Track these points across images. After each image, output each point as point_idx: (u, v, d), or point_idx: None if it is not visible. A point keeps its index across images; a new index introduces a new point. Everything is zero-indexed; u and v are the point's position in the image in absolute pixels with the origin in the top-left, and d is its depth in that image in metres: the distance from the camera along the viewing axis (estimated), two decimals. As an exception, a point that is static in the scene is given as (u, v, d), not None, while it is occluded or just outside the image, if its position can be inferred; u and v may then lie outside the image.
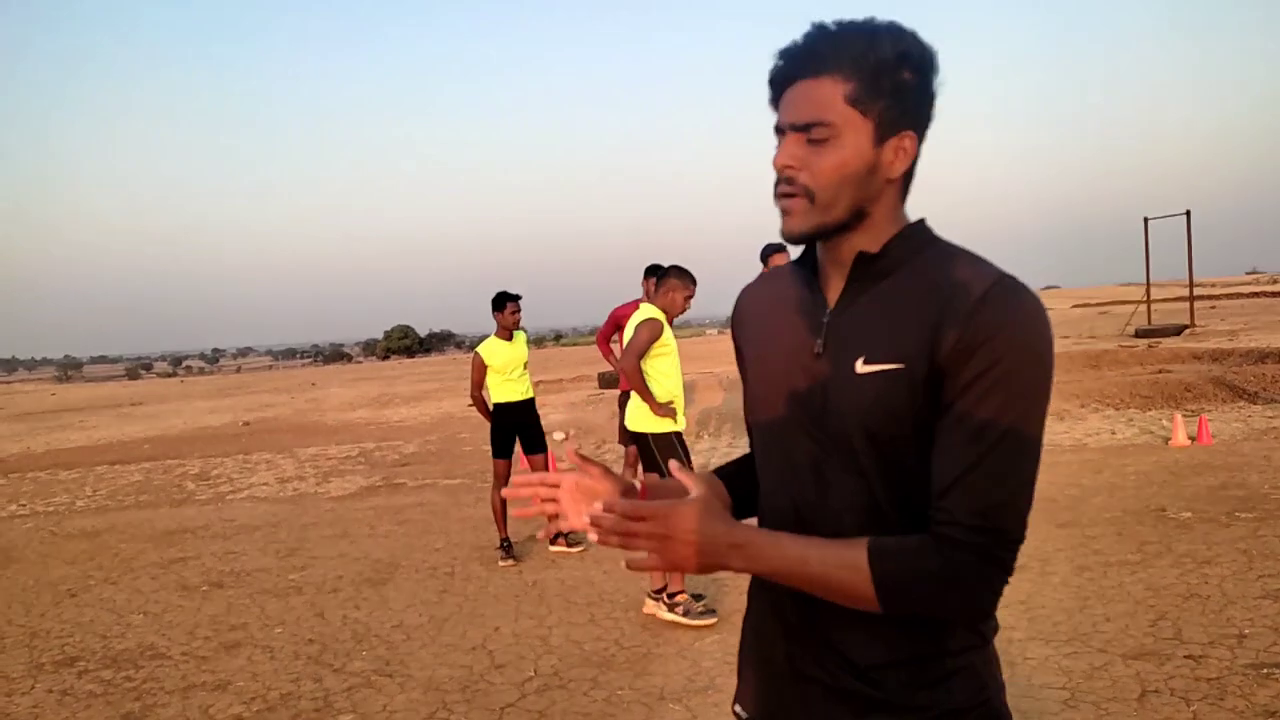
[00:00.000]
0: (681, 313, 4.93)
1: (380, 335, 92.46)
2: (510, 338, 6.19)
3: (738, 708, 1.33)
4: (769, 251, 5.62)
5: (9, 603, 5.95)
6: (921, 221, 1.19)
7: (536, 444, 6.26)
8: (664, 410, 4.74)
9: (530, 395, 6.28)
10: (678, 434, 4.81)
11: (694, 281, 4.89)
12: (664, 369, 4.84)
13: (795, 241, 1.18)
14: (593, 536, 1.16)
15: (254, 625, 5.11)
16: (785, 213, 1.16)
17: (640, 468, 5.14)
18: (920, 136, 1.15)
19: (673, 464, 1.26)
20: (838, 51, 1.10)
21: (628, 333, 4.91)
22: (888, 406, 1.11)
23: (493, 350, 6.13)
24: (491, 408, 6.20)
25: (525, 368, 6.26)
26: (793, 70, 1.13)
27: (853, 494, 1.15)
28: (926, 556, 1.06)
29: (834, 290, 1.20)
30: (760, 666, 1.29)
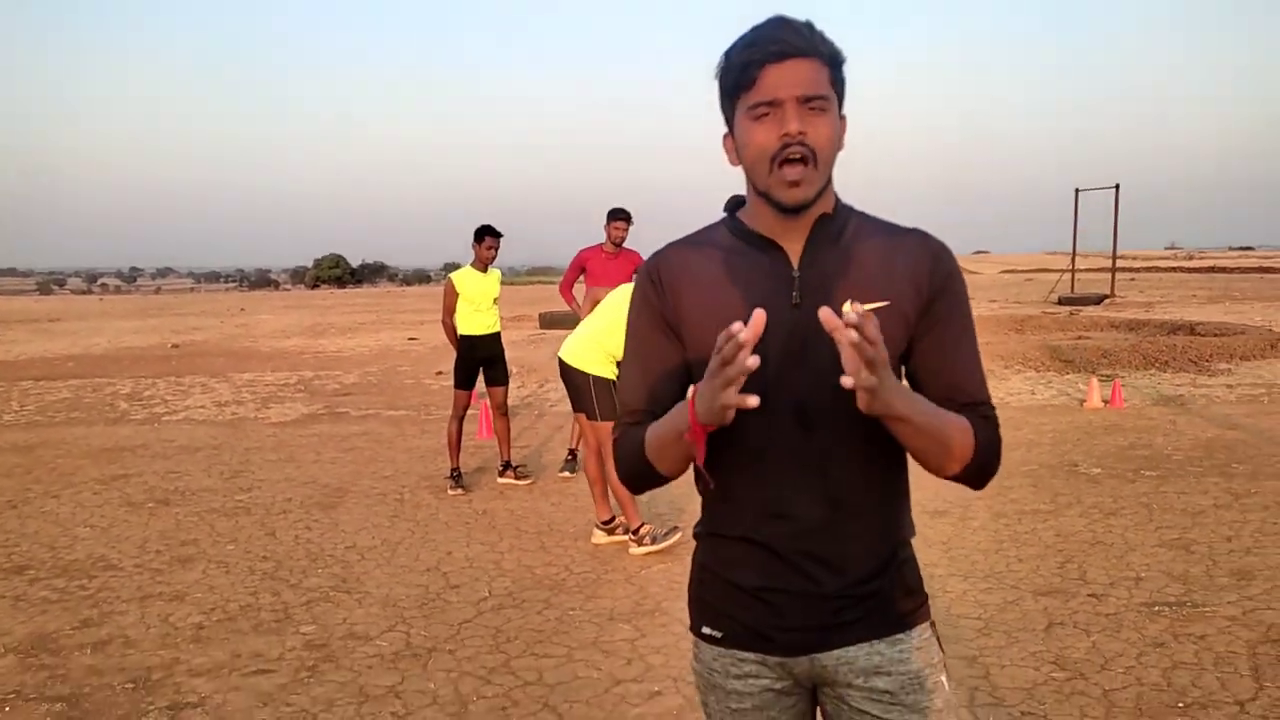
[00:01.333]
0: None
1: (310, 263, 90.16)
2: (485, 270, 6.27)
3: (706, 629, 1.47)
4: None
5: (-53, 512, 5.89)
6: (837, 193, 1.42)
7: (500, 377, 6.38)
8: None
9: (497, 330, 6.38)
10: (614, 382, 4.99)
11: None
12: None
13: (802, 208, 1.31)
14: (853, 336, 1.11)
15: (205, 542, 5.19)
16: (795, 183, 1.27)
17: (573, 408, 5.25)
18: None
19: (825, 311, 1.15)
20: (817, 42, 1.29)
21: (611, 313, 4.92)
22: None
23: (465, 279, 6.21)
24: (459, 339, 6.29)
25: (495, 303, 6.35)
26: (784, 51, 1.26)
27: (840, 424, 1.33)
28: (990, 427, 1.36)
29: (791, 248, 1.36)
30: (736, 591, 1.43)
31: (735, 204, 1.51)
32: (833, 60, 1.31)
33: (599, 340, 4.89)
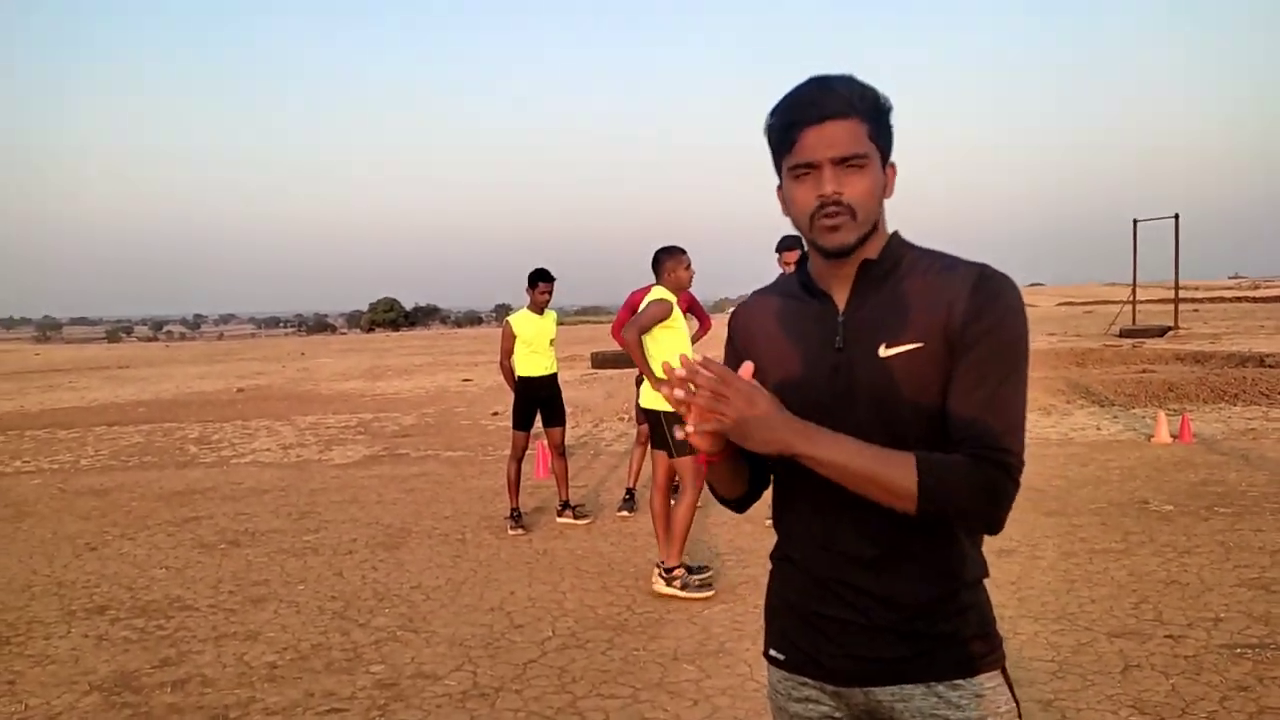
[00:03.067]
0: (689, 284, 5.21)
1: (365, 307, 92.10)
2: (541, 313, 6.39)
3: (772, 652, 1.54)
4: (783, 247, 5.86)
5: (30, 554, 6.12)
6: (897, 233, 1.47)
7: (556, 418, 6.46)
8: (660, 385, 4.92)
9: (554, 370, 6.47)
10: None
11: (684, 252, 5.15)
12: (669, 344, 5.00)
13: (845, 252, 1.40)
14: (679, 394, 1.31)
15: (276, 582, 5.31)
16: (834, 230, 1.37)
17: (650, 445, 5.35)
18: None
19: (746, 365, 1.36)
20: (857, 100, 1.36)
21: (642, 307, 5.09)
22: (909, 379, 1.36)
23: (522, 322, 6.33)
24: (516, 380, 6.40)
25: (551, 344, 6.45)
26: (822, 114, 1.34)
27: None
28: (964, 467, 1.29)
29: (840, 294, 1.45)
30: (796, 616, 1.49)
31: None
32: (874, 115, 1.37)
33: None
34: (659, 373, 4.96)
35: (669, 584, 4.80)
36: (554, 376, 6.47)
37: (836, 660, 1.42)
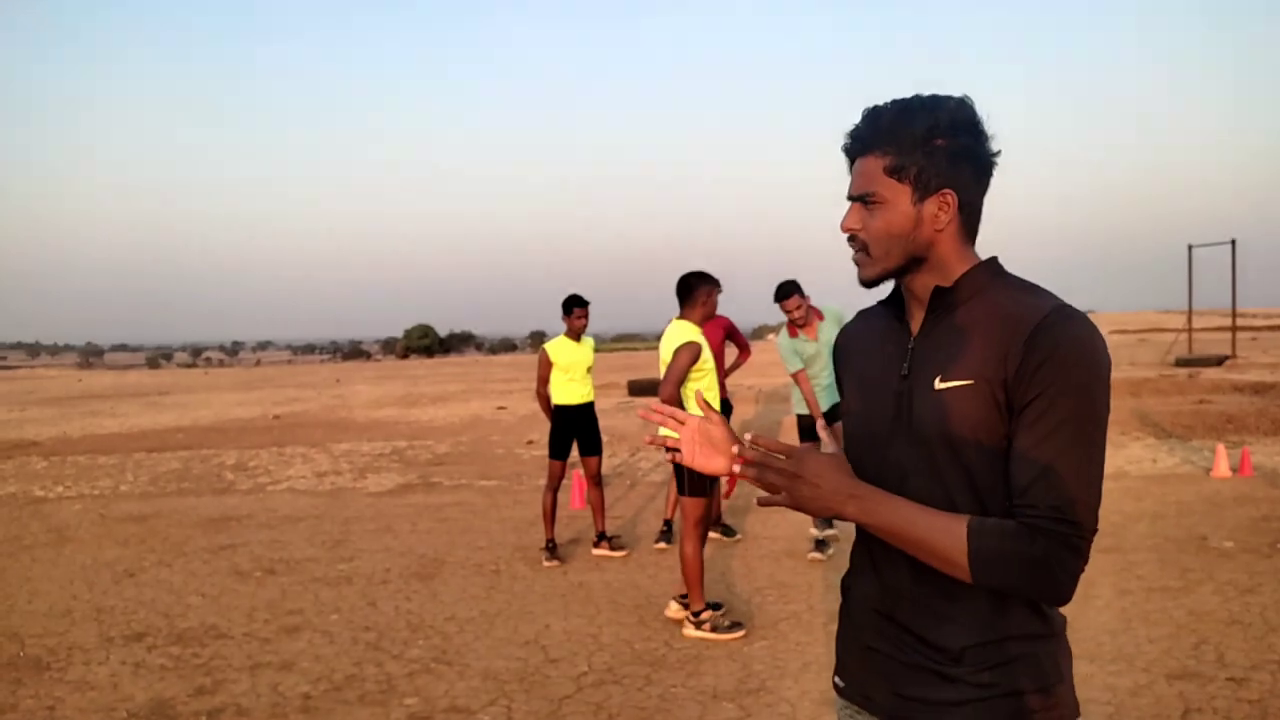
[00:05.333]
0: (714, 314, 5.09)
1: (399, 334, 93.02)
2: (578, 340, 6.35)
3: (837, 679, 1.54)
4: (779, 296, 5.80)
5: (71, 579, 6.16)
6: (993, 259, 1.40)
7: (593, 447, 6.39)
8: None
9: (590, 399, 6.41)
10: None
11: (714, 278, 5.00)
12: (702, 388, 4.88)
13: (867, 286, 1.44)
14: (735, 468, 1.40)
15: (310, 611, 5.28)
16: (856, 265, 1.42)
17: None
18: (960, 191, 1.35)
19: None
20: (877, 133, 1.36)
21: (664, 350, 4.86)
22: (961, 416, 1.30)
23: (559, 349, 6.29)
24: (552, 409, 6.35)
25: (589, 372, 6.40)
26: (852, 150, 1.41)
27: (928, 496, 1.34)
28: (1019, 539, 1.23)
29: (916, 321, 1.43)
30: (853, 645, 1.49)
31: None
32: (906, 145, 1.33)
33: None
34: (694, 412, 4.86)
35: (698, 628, 4.67)
36: (590, 405, 6.41)
37: (884, 695, 1.41)
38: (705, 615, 4.67)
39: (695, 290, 4.92)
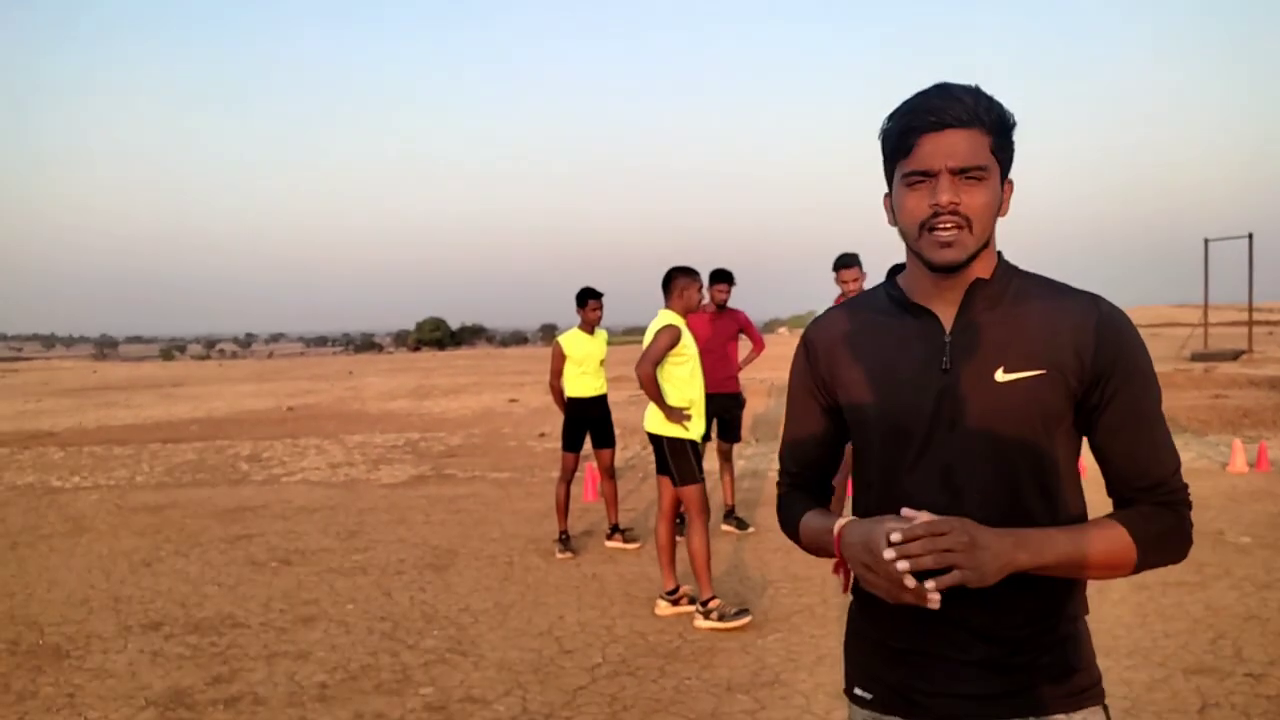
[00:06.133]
0: (698, 307, 5.19)
1: (411, 326, 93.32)
2: (592, 333, 6.35)
3: (857, 690, 1.47)
4: (840, 264, 5.74)
5: (89, 568, 6.21)
6: (1002, 254, 1.41)
7: (606, 439, 6.39)
8: (676, 416, 4.83)
9: (603, 391, 6.42)
10: (692, 442, 4.88)
11: (698, 274, 5.13)
12: (682, 376, 4.93)
13: (956, 267, 1.33)
14: (904, 566, 1.21)
15: (326, 601, 5.31)
16: (947, 244, 1.30)
17: (656, 471, 5.22)
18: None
19: (905, 511, 1.29)
20: (982, 110, 1.30)
21: (647, 338, 5.02)
22: (1031, 407, 1.31)
23: (573, 341, 6.30)
24: (565, 401, 6.36)
25: (602, 364, 6.40)
26: (943, 121, 1.28)
27: (986, 491, 1.33)
28: (1165, 519, 1.32)
29: (945, 313, 1.37)
30: (886, 652, 1.43)
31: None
32: (997, 128, 1.31)
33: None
34: (673, 402, 4.86)
35: (707, 617, 4.67)
36: (604, 397, 6.42)
37: (933, 699, 1.37)
38: (714, 604, 4.69)
39: (674, 282, 5.07)
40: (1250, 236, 20.21)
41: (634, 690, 3.90)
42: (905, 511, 1.27)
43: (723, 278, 6.65)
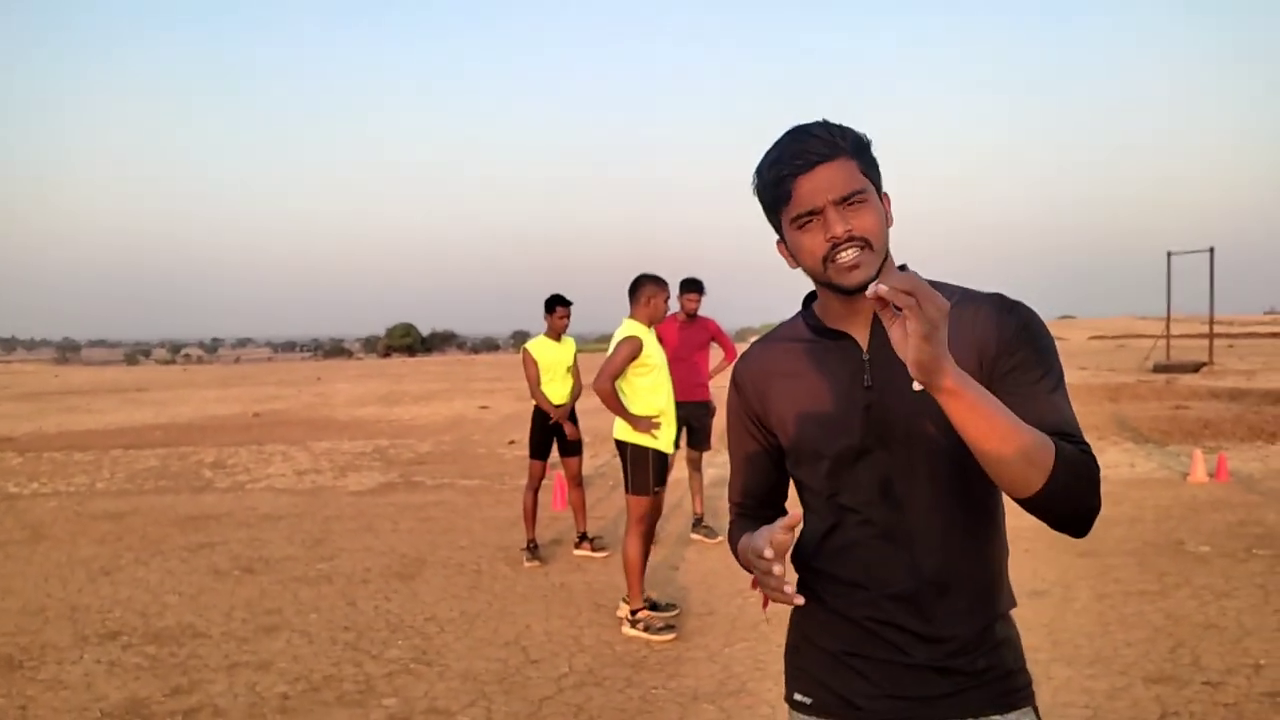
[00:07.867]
0: (663, 317, 5.15)
1: (381, 332, 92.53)
2: (559, 339, 6.33)
3: (797, 696, 1.51)
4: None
5: (45, 577, 6.07)
6: (905, 265, 1.45)
7: (573, 447, 6.37)
8: (644, 426, 4.81)
9: (570, 399, 6.39)
10: (658, 453, 4.85)
11: (666, 283, 5.09)
12: (645, 386, 4.91)
13: (863, 288, 1.32)
14: (770, 553, 1.26)
15: (289, 611, 5.24)
16: (853, 267, 1.33)
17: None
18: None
19: (791, 515, 1.32)
20: (839, 139, 1.36)
21: (610, 348, 4.97)
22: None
23: (540, 348, 6.28)
24: (533, 409, 6.32)
25: (569, 371, 6.37)
26: (810, 161, 1.34)
27: (926, 498, 1.38)
28: (1081, 455, 1.28)
29: (859, 332, 1.43)
30: (826, 657, 1.47)
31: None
32: (858, 150, 1.37)
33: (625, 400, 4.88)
34: (639, 412, 4.84)
35: (634, 626, 4.68)
36: (570, 405, 6.40)
37: (874, 701, 1.41)
38: (641, 615, 4.70)
39: (641, 289, 5.02)
40: (1211, 250, 20.61)
41: (600, 701, 3.88)
42: (790, 516, 1.29)
43: (693, 287, 6.66)
